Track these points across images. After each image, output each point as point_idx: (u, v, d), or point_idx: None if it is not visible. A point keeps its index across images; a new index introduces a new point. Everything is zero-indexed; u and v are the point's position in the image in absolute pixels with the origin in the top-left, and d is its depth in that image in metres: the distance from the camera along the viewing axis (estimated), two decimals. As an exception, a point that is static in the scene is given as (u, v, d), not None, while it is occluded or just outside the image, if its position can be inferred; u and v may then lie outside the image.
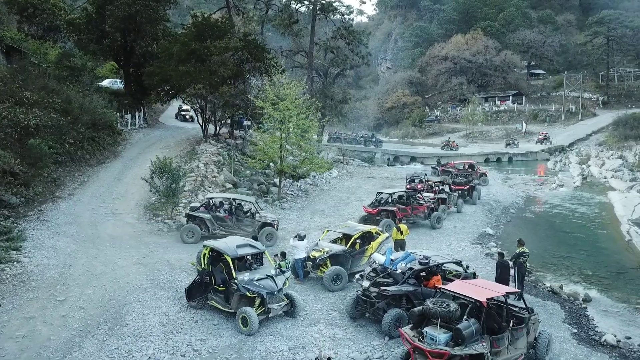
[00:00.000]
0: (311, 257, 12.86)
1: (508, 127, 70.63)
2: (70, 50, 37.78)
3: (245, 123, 32.46)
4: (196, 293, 10.90)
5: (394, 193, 18.90)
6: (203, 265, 11.14)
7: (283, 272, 12.29)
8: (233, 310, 10.33)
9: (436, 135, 78.11)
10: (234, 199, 18.19)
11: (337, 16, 44.63)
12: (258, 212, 17.57)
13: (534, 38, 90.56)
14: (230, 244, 10.90)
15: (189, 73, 28.55)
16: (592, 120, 67.19)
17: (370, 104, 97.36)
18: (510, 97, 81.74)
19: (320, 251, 12.91)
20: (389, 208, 18.31)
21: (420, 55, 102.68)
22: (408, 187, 22.86)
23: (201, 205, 17.66)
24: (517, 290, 10.51)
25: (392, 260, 10.81)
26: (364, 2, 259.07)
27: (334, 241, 13.95)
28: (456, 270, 11.59)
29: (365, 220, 18.83)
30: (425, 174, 25.61)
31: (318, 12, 42.42)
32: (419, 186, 22.52)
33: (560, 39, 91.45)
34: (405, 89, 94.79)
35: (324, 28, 49.89)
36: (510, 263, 12.29)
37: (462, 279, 10.66)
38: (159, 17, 35.52)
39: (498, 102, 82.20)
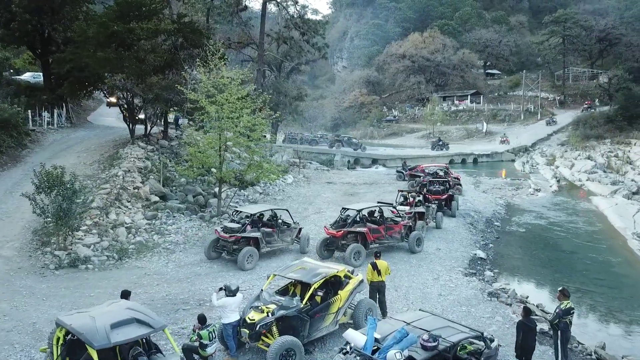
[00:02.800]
0: (248, 320, 8.40)
1: (469, 127, 68.73)
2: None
3: (181, 121, 27.49)
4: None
5: (362, 209, 14.67)
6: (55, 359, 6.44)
7: (205, 347, 7.82)
8: None
9: (395, 136, 75.35)
10: (272, 210, 15.98)
11: (291, 5, 40.25)
12: (292, 219, 15.90)
13: (490, 37, 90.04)
14: (101, 323, 6.21)
15: (108, 60, 23.28)
16: (547, 119, 66.38)
17: (327, 103, 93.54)
18: (469, 96, 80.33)
19: (262, 311, 8.47)
20: (358, 229, 14.08)
21: (377, 53, 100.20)
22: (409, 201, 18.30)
23: (246, 224, 14.19)
24: None
25: (376, 340, 6.55)
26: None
27: (284, 291, 9.56)
28: (474, 345, 7.46)
29: (326, 245, 14.52)
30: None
31: (269, -1, 37.88)
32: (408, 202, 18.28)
33: (515, 38, 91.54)
34: (362, 88, 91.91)
35: (278, 19, 45.44)
36: (547, 325, 8.30)
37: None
38: (80, -5, 29.88)
39: (456, 102, 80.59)
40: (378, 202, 16.02)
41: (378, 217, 15.14)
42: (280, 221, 15.42)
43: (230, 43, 44.72)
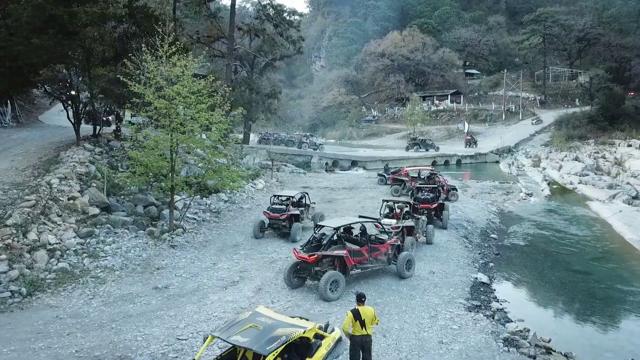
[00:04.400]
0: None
1: (450, 127, 66.97)
2: None
3: (134, 119, 24.25)
4: None
5: (340, 227, 11.85)
6: None
7: None
8: None
9: (375, 136, 73.16)
10: (301, 193, 18.79)
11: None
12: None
13: (470, 36, 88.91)
14: None
15: (44, 48, 19.90)
16: (532, 119, 65.11)
17: (305, 103, 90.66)
18: (449, 96, 78.71)
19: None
20: (336, 253, 11.27)
21: (356, 52, 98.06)
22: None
23: (289, 205, 17.03)
24: None
25: None
26: None
27: (229, 357, 6.68)
28: None
29: (297, 272, 11.66)
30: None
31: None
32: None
33: (495, 37, 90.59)
34: (341, 88, 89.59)
35: (250, 11, 42.30)
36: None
37: None
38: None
39: (436, 102, 78.85)
40: (360, 217, 13.22)
41: (360, 236, 12.35)
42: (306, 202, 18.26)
43: (199, 37, 41.50)
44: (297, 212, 16.82)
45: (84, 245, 14.32)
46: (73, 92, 21.48)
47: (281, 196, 17.85)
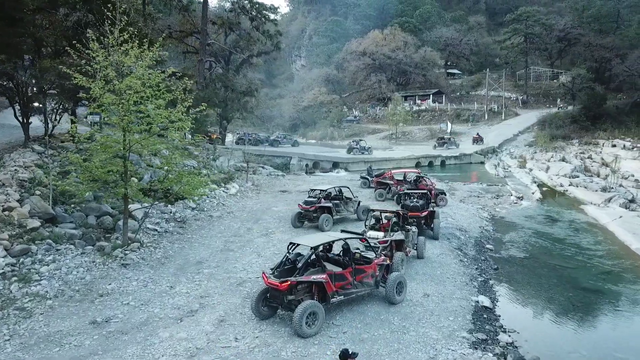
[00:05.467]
0: None
1: (432, 127, 65.71)
2: None
3: (90, 118, 21.94)
4: None
5: (319, 245, 9.88)
6: None
7: None
8: None
9: (356, 137, 71.25)
10: (335, 187, 19.67)
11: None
12: (352, 194, 20.00)
13: (451, 36, 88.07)
14: None
15: (-20, 36, 17.45)
16: (515, 119, 64.49)
17: (285, 102, 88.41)
18: (431, 95, 77.60)
19: None
20: (314, 278, 9.31)
21: (337, 51, 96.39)
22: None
23: (321, 198, 18.28)
24: None
25: None
26: None
27: None
28: None
29: (266, 300, 9.64)
30: None
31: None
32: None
33: (476, 37, 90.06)
34: (321, 87, 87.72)
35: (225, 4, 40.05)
36: None
37: None
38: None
39: (418, 101, 77.66)
40: (342, 231, 11.26)
41: (342, 255, 10.42)
42: (344, 196, 19.05)
43: (171, 32, 39.11)
44: (329, 204, 17.67)
45: (16, 266, 12.06)
46: (15, 87, 19.01)
47: (316, 189, 19.10)
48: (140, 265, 12.89)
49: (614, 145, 43.18)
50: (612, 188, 25.67)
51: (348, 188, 19.76)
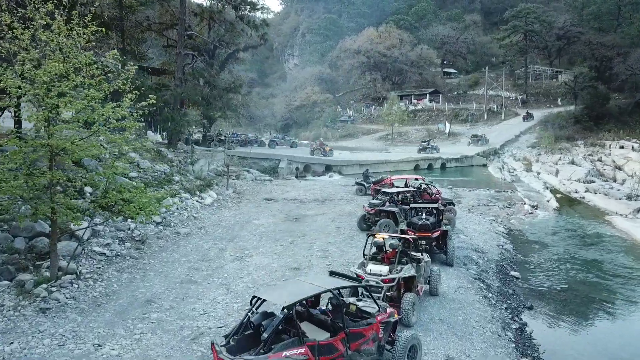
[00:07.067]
0: None
1: (430, 128, 62.98)
2: None
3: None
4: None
5: (294, 304, 6.50)
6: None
7: None
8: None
9: (351, 137, 68.65)
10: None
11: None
12: None
13: (448, 34, 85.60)
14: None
15: None
16: (515, 119, 61.91)
17: (277, 102, 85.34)
18: (428, 95, 74.84)
19: None
20: (287, 356, 6.04)
21: (331, 49, 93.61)
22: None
23: (385, 201, 17.37)
24: None
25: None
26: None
27: None
28: None
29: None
30: None
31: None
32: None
33: (472, 35, 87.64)
34: (315, 86, 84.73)
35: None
36: None
37: None
38: None
39: (414, 101, 74.88)
40: (331, 273, 7.97)
41: (331, 312, 7.26)
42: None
43: (150, 23, 35.94)
44: (394, 209, 16.42)
45: None
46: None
47: (386, 193, 18.22)
48: (66, 310, 9.73)
49: (622, 147, 40.62)
50: (639, 196, 22.91)
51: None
